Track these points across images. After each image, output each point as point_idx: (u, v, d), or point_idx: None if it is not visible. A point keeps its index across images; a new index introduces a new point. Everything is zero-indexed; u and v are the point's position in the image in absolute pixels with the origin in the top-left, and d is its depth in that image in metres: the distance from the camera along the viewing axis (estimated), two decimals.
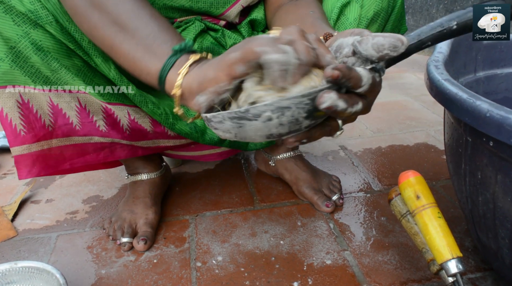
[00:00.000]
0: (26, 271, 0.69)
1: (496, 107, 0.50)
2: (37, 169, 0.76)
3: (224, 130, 0.46)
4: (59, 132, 0.75)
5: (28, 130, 0.72)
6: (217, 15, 0.79)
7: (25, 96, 0.70)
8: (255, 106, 0.42)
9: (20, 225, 0.94)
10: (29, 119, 0.72)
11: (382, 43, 0.43)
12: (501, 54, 0.86)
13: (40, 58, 0.65)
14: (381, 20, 0.75)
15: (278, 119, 0.43)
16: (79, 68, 0.68)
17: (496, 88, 0.87)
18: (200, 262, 0.80)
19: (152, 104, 0.73)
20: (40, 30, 0.63)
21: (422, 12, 2.15)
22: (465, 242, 0.81)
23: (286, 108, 0.42)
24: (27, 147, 0.74)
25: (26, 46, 0.63)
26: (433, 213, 0.63)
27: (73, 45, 0.65)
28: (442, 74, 0.62)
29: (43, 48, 0.64)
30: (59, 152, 0.77)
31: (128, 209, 0.89)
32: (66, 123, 0.74)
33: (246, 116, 0.43)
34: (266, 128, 0.44)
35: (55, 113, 0.73)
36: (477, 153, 0.59)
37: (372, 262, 0.78)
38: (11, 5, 0.61)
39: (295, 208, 0.95)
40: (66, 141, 0.77)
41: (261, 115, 0.42)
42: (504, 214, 0.57)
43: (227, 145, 0.83)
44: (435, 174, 1.06)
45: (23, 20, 0.62)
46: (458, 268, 0.59)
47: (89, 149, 0.79)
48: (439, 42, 0.54)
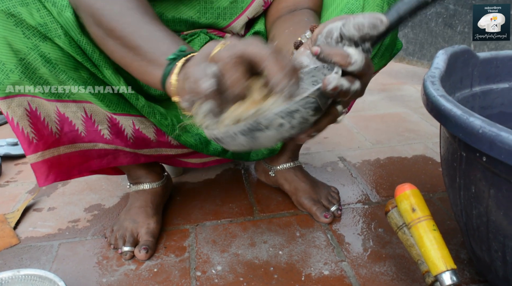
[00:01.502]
0: (29, 279, 0.70)
1: (488, 124, 0.52)
2: (54, 175, 0.80)
3: (238, 145, 0.47)
4: (65, 140, 0.77)
5: (39, 138, 0.74)
6: (223, 27, 0.81)
7: (33, 104, 0.72)
8: (265, 116, 0.43)
9: (23, 233, 0.95)
10: (38, 127, 0.74)
11: (362, 23, 0.45)
12: (496, 70, 0.87)
13: (48, 70, 0.67)
14: None
15: (289, 124, 0.44)
16: (85, 80, 0.70)
17: (492, 103, 0.88)
18: (199, 272, 0.81)
19: (160, 115, 0.75)
20: (49, 43, 0.65)
21: (421, 25, 2.17)
22: (461, 254, 0.82)
23: (295, 112, 0.44)
24: (41, 154, 0.76)
25: (35, 58, 0.66)
26: (428, 226, 0.64)
27: (81, 57, 0.67)
28: (437, 90, 0.64)
29: (51, 61, 0.66)
30: (67, 159, 0.79)
31: (130, 218, 0.90)
32: (72, 130, 0.76)
33: (258, 127, 0.44)
34: (279, 134, 0.45)
35: (61, 121, 0.75)
36: (471, 167, 0.61)
37: (369, 273, 0.79)
38: (21, 18, 0.63)
39: (294, 219, 0.96)
40: (72, 148, 0.79)
41: (273, 124, 0.44)
42: (497, 228, 0.59)
43: (230, 156, 0.85)
44: (432, 186, 1.07)
45: (33, 33, 0.64)
46: (452, 280, 0.61)
47: (93, 155, 0.82)
48: (416, 15, 0.55)
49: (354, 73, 0.46)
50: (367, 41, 0.47)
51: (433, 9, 2.11)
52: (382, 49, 0.80)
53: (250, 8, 0.79)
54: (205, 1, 0.77)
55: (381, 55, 0.81)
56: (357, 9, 0.73)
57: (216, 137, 0.47)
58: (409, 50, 2.26)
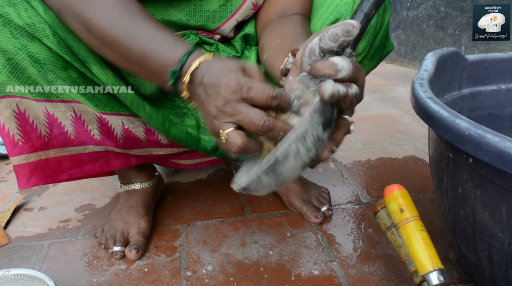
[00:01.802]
0: (18, 279, 0.70)
1: (474, 126, 0.52)
2: (35, 179, 0.79)
3: (266, 187, 0.48)
4: (55, 143, 0.77)
5: (26, 141, 0.74)
6: (212, 30, 0.82)
7: (22, 106, 0.71)
8: (279, 150, 0.45)
9: (13, 233, 0.95)
10: (26, 129, 0.73)
11: (336, 33, 0.47)
12: (485, 72, 0.88)
13: (36, 70, 0.67)
14: (370, 36, 0.78)
15: (305, 147, 0.46)
16: (74, 80, 0.70)
17: (481, 105, 0.89)
18: (190, 271, 0.81)
19: (149, 109, 0.75)
20: (37, 43, 0.65)
21: (413, 27, 2.19)
22: (449, 254, 0.83)
23: (305, 133, 0.45)
24: (25, 157, 0.76)
25: (23, 59, 0.65)
26: (416, 226, 0.65)
27: (70, 57, 0.67)
28: (425, 92, 0.65)
29: (39, 61, 0.66)
30: (57, 163, 0.79)
31: (121, 218, 0.90)
32: (61, 133, 0.76)
33: (277, 162, 0.46)
34: (299, 161, 0.46)
35: (50, 123, 0.74)
36: (458, 168, 0.61)
37: (358, 273, 0.80)
38: (9, 18, 0.63)
39: (285, 219, 0.97)
40: (63, 152, 0.79)
41: (289, 153, 0.45)
42: (483, 228, 0.60)
43: (219, 155, 0.85)
44: (422, 187, 1.08)
45: (20, 33, 0.64)
46: (439, 279, 0.61)
47: (85, 159, 0.81)
48: (379, 7, 0.57)
49: (345, 79, 0.47)
50: (347, 47, 0.49)
51: (424, 11, 2.12)
52: (372, 51, 0.81)
53: (239, 11, 0.80)
54: (194, 4, 0.78)
55: (371, 57, 0.82)
56: (346, 11, 0.73)
57: (243, 187, 0.49)
58: (401, 52, 2.28)
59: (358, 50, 0.79)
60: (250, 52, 0.84)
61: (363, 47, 0.79)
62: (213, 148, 0.83)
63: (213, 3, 0.78)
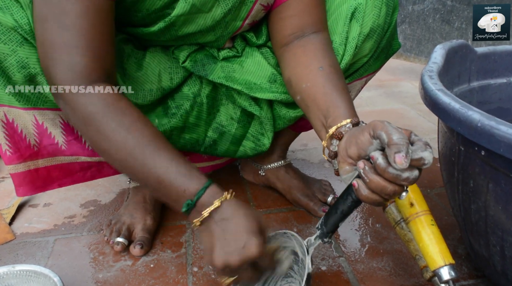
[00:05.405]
0: (24, 275, 0.70)
1: (487, 118, 0.51)
2: (24, 189, 0.78)
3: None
4: (45, 153, 0.76)
5: (14, 151, 0.73)
6: (218, 47, 0.80)
7: (10, 115, 0.70)
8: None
9: (18, 229, 0.94)
10: (14, 139, 0.72)
11: (424, 157, 0.54)
12: (494, 65, 0.87)
13: (23, 75, 0.65)
14: (377, 36, 0.76)
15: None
16: None
17: (490, 98, 0.88)
18: (196, 267, 0.80)
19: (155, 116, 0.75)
20: (26, 46, 0.64)
21: (419, 21, 2.17)
22: (459, 249, 0.82)
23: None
24: (14, 167, 0.75)
25: (11, 64, 0.64)
26: (427, 220, 0.64)
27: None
28: (435, 85, 0.64)
29: (29, 65, 0.65)
30: (47, 172, 0.78)
31: (128, 213, 0.90)
32: (51, 143, 0.75)
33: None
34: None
35: (40, 133, 0.73)
36: (469, 161, 0.60)
37: (366, 268, 0.79)
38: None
39: (291, 214, 0.96)
40: (53, 161, 0.78)
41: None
42: (495, 222, 0.59)
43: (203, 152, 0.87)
44: (430, 182, 1.07)
45: (9, 38, 0.62)
46: (450, 275, 0.60)
47: (75, 168, 0.80)
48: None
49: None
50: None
51: (430, 5, 2.10)
52: (378, 51, 0.80)
53: (241, 29, 0.78)
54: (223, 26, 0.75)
55: (376, 57, 0.81)
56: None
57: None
58: (407, 47, 2.26)
59: (365, 51, 0.78)
60: (251, 53, 0.82)
61: (369, 48, 0.77)
62: (213, 147, 0.83)
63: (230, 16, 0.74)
